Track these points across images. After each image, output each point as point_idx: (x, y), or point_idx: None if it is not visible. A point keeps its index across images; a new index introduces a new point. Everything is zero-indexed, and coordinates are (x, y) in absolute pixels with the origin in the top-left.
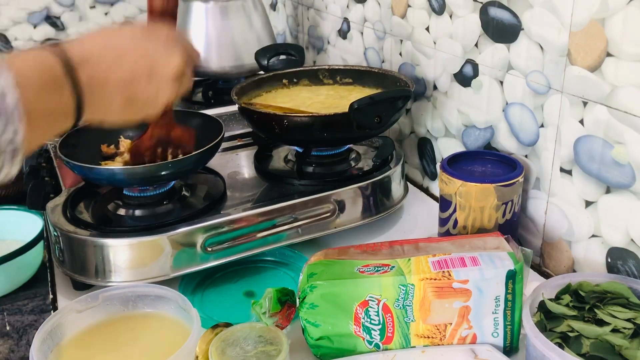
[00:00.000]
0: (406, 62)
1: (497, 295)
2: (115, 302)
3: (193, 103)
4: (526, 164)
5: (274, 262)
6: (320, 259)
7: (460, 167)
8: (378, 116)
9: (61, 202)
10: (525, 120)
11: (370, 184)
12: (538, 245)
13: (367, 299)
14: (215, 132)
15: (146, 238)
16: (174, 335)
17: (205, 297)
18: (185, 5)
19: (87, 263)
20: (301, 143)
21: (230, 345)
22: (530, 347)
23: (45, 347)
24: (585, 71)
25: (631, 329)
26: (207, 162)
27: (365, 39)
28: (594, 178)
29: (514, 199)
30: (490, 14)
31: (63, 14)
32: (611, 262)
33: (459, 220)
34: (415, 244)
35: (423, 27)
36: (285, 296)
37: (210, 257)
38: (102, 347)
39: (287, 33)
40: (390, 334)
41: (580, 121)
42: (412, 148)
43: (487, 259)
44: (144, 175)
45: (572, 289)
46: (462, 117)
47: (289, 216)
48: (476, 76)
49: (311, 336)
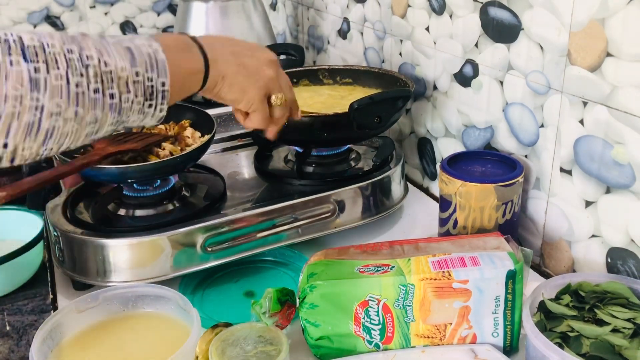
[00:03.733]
0: (406, 62)
1: (497, 295)
2: (115, 302)
3: (193, 103)
4: (526, 164)
5: (274, 262)
6: (320, 259)
7: (460, 167)
8: (378, 116)
9: (61, 202)
10: (525, 120)
11: (370, 184)
12: (538, 245)
13: (367, 299)
14: (208, 127)
15: (146, 238)
16: (174, 335)
17: (205, 297)
18: (185, 5)
19: (87, 263)
20: (301, 143)
21: (230, 345)
22: (530, 347)
23: (45, 347)
24: (585, 71)
25: (631, 329)
26: (203, 153)
27: (365, 39)
28: (594, 178)
29: (514, 199)
30: (490, 14)
31: (63, 14)
32: (611, 262)
33: (459, 220)
34: (415, 244)
35: (423, 27)
36: (285, 296)
37: (210, 257)
38: (102, 347)
39: (287, 33)
40: (390, 334)
41: (580, 121)
42: (412, 148)
43: (487, 259)
44: (142, 173)
45: (572, 289)
46: (462, 117)
47: (289, 216)
48: (476, 76)
49: (311, 336)
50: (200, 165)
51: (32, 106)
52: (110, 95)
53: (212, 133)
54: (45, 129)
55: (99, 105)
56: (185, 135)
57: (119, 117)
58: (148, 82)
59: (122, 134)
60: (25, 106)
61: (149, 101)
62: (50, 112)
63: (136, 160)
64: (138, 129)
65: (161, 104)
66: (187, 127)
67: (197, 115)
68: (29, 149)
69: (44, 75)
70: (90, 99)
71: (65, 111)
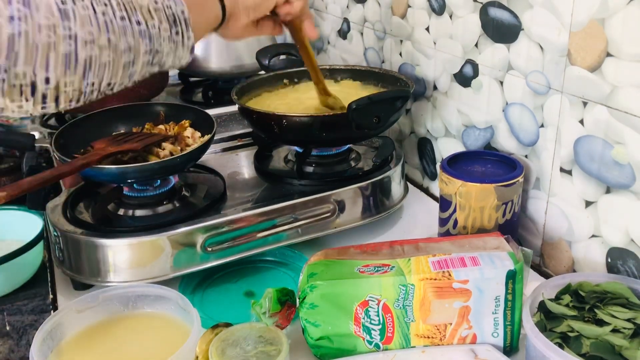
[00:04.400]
0: (406, 62)
1: (497, 295)
2: (115, 302)
3: (193, 103)
4: (526, 164)
5: (274, 262)
6: (320, 259)
7: (460, 167)
8: (377, 116)
9: (61, 202)
10: (525, 120)
11: (370, 184)
12: (538, 245)
13: (367, 299)
14: (208, 127)
15: (146, 238)
16: (174, 335)
17: (205, 297)
18: None
19: (87, 263)
20: (301, 143)
21: (230, 345)
22: (530, 347)
23: (45, 347)
24: (585, 71)
25: (631, 329)
26: (204, 153)
27: (365, 39)
28: (594, 178)
29: (514, 199)
30: (490, 14)
31: None
32: (611, 262)
33: (459, 220)
34: (415, 244)
35: (423, 27)
36: (285, 296)
37: (210, 257)
38: (102, 347)
39: (288, 33)
40: (390, 334)
41: (580, 121)
42: (412, 148)
43: (487, 259)
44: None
45: (572, 289)
46: (462, 117)
47: (289, 216)
48: (476, 76)
49: (311, 336)
50: (200, 165)
51: (66, 35)
52: (137, 22)
53: (212, 133)
54: (83, 59)
55: (129, 32)
56: (185, 135)
57: (151, 45)
58: (167, 9)
59: (122, 134)
60: (59, 35)
61: (174, 28)
62: (84, 40)
63: (136, 160)
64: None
65: (187, 31)
66: (187, 127)
67: (197, 115)
68: (71, 85)
69: (71, 6)
70: (119, 26)
71: (98, 39)
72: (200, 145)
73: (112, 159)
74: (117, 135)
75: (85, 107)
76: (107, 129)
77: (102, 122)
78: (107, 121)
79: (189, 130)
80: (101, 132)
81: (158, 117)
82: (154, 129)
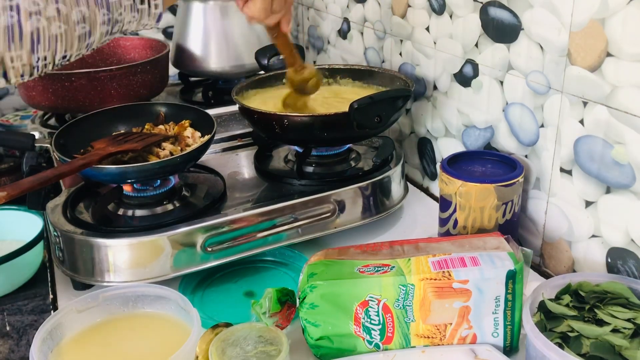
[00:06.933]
0: (406, 62)
1: (497, 295)
2: (115, 302)
3: (193, 103)
4: (526, 164)
5: (274, 262)
6: (320, 259)
7: (460, 167)
8: (378, 116)
9: (61, 202)
10: (525, 120)
11: (370, 184)
12: (538, 245)
13: (367, 299)
14: (208, 127)
15: (146, 238)
16: (174, 335)
17: (205, 297)
18: (185, 5)
19: (87, 263)
20: (301, 143)
21: (230, 345)
22: (530, 347)
23: (45, 347)
24: (585, 71)
25: (631, 329)
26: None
27: (365, 39)
28: (594, 178)
29: (514, 199)
30: (490, 14)
31: None
32: (611, 262)
33: (459, 220)
34: (415, 244)
35: (423, 27)
36: (285, 296)
37: (210, 257)
38: (102, 347)
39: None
40: (390, 334)
41: (580, 121)
42: (412, 148)
43: (487, 259)
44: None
45: (572, 289)
46: (462, 117)
47: (289, 216)
48: (476, 76)
49: (311, 336)
50: (200, 165)
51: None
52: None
53: (212, 133)
54: (29, 32)
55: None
56: (185, 135)
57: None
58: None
59: (122, 134)
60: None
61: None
62: (28, 11)
63: (136, 160)
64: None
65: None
66: (187, 127)
67: (197, 115)
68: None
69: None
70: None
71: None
72: (200, 145)
73: (112, 159)
74: (117, 135)
75: (85, 107)
76: (107, 129)
77: (102, 122)
78: (107, 121)
79: (189, 130)
80: (101, 132)
81: (158, 117)
82: (154, 129)
